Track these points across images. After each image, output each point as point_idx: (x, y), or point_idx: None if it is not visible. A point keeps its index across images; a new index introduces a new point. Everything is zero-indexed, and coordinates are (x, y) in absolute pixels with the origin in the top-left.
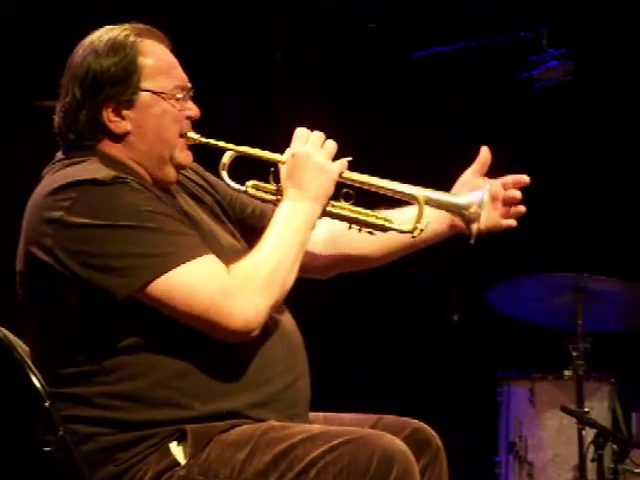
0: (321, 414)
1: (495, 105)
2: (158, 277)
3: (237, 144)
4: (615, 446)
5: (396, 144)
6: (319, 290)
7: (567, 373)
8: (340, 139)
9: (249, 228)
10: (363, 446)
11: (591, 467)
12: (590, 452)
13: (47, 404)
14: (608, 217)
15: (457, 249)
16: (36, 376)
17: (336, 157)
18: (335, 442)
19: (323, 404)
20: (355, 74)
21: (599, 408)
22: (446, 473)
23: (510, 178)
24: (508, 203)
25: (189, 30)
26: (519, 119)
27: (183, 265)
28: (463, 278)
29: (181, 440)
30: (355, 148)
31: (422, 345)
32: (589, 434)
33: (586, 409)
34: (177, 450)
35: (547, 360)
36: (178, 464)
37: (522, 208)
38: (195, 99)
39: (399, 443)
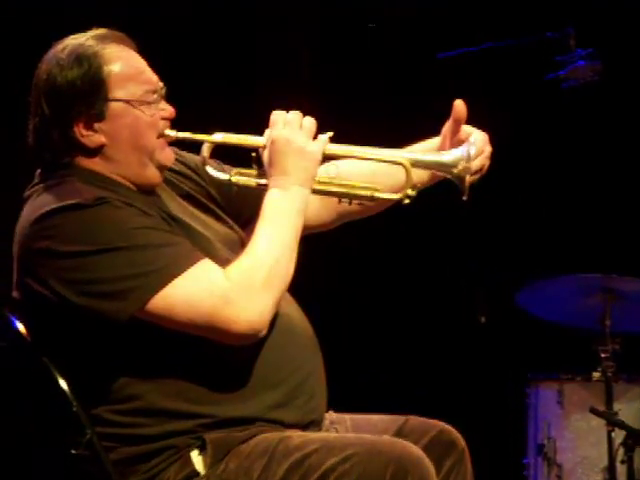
0: (347, 415)
1: (522, 106)
2: (156, 295)
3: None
4: None
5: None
6: (348, 291)
7: (596, 374)
8: (367, 139)
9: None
10: (377, 455)
11: (621, 469)
12: (620, 454)
13: (75, 407)
14: (638, 217)
15: (484, 251)
16: (64, 380)
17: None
18: (350, 451)
19: (350, 405)
20: (382, 75)
21: (628, 409)
22: (471, 474)
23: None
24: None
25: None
26: (547, 120)
27: (179, 277)
28: (490, 280)
29: (202, 449)
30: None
31: (450, 347)
32: (618, 436)
33: (615, 410)
34: (198, 459)
35: (575, 361)
36: (198, 474)
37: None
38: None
39: (414, 451)
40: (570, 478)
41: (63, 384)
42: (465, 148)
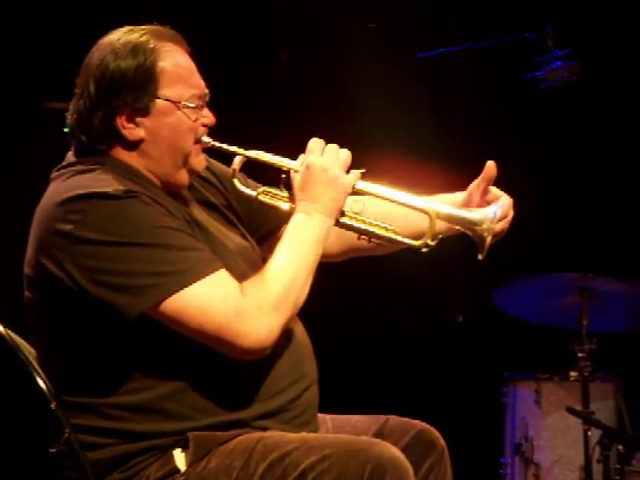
0: (328, 416)
1: (501, 106)
2: (170, 296)
3: (245, 147)
4: (621, 447)
5: (401, 146)
6: (324, 291)
7: (573, 374)
8: (345, 142)
9: (267, 234)
10: (355, 455)
11: (597, 468)
12: (596, 453)
13: (53, 406)
14: (613, 217)
15: (461, 250)
16: (42, 378)
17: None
18: (328, 451)
19: (330, 405)
20: (361, 75)
21: (605, 409)
22: (450, 474)
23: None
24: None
25: (192, 31)
26: (525, 119)
27: (196, 283)
28: (468, 279)
29: (185, 447)
30: (361, 150)
31: (427, 346)
32: (595, 435)
33: (592, 410)
34: (180, 457)
35: (552, 361)
36: (178, 471)
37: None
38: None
39: (393, 451)
40: (547, 477)
41: (41, 383)
42: (493, 209)
